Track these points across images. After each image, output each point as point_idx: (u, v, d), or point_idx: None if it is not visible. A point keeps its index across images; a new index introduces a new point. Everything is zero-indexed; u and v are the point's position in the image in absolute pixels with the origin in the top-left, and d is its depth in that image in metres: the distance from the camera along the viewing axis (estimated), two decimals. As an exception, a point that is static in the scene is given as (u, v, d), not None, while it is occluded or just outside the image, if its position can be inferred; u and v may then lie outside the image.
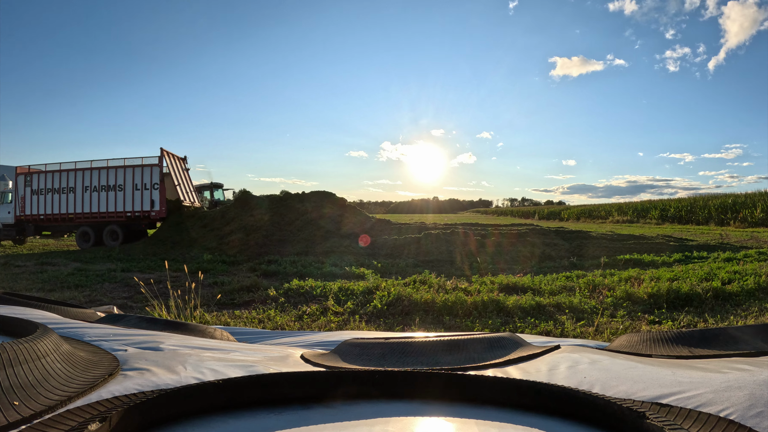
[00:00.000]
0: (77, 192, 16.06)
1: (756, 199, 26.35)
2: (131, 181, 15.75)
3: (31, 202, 16.52)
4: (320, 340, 1.23)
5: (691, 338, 0.90)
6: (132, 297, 6.68)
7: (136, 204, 15.70)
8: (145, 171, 15.68)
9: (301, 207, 15.05)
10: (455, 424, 0.57)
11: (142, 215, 15.72)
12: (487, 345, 0.89)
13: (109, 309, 1.62)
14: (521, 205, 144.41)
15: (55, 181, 16.31)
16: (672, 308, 5.49)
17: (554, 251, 11.80)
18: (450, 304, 5.46)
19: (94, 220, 15.93)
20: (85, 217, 15.98)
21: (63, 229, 16.83)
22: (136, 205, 15.71)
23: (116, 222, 15.83)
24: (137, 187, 15.71)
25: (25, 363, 0.57)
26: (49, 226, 16.91)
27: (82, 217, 16.01)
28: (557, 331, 4.59)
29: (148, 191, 15.62)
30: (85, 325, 1.06)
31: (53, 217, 16.32)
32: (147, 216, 15.73)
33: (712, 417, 0.51)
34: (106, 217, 15.83)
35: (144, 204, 15.64)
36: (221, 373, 0.70)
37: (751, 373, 0.62)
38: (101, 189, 15.92)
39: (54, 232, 17.43)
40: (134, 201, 15.71)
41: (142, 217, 15.77)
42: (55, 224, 16.64)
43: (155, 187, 15.58)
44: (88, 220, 15.99)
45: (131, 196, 15.72)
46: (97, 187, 15.96)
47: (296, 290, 6.72)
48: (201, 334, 1.17)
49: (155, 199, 15.54)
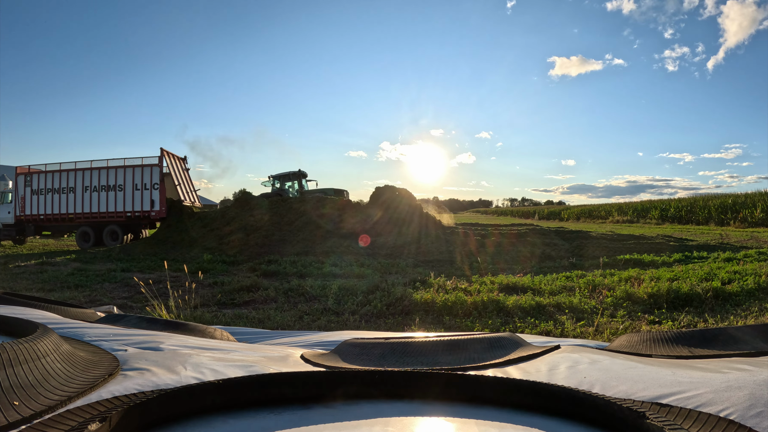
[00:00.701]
0: (77, 192, 16.10)
1: (756, 199, 26.34)
2: (131, 181, 15.77)
3: (31, 202, 16.54)
4: (320, 340, 1.23)
5: (691, 338, 0.90)
6: (132, 297, 6.68)
7: (136, 204, 15.73)
8: (145, 171, 15.70)
9: (301, 207, 15.06)
10: (455, 424, 0.57)
11: (142, 215, 15.75)
12: (487, 345, 0.89)
13: (109, 309, 1.62)
14: (521, 205, 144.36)
15: (55, 181, 16.34)
16: (672, 308, 5.49)
17: (554, 251, 11.80)
18: (450, 304, 5.46)
19: (94, 220, 15.97)
20: (85, 217, 16.02)
21: (63, 229, 16.85)
22: (136, 205, 15.74)
23: (116, 222, 15.86)
24: (137, 187, 15.74)
25: (25, 363, 0.57)
26: (49, 226, 16.94)
27: (82, 217, 16.04)
28: (557, 331, 4.59)
29: (148, 191, 15.65)
30: (85, 325, 1.06)
31: (53, 217, 16.35)
32: (147, 216, 15.75)
33: (712, 417, 0.51)
34: (106, 217, 15.87)
35: (144, 204, 15.67)
36: (221, 373, 0.70)
37: (751, 373, 0.62)
38: (101, 189, 15.96)
39: (54, 232, 17.45)
40: (134, 201, 15.74)
41: (142, 217, 15.80)
42: (55, 224, 16.67)
43: (155, 187, 15.61)
44: (88, 220, 16.02)
45: (131, 196, 15.75)
46: (97, 187, 15.99)
47: (296, 290, 6.72)
48: (201, 334, 1.17)
49: (155, 199, 15.56)
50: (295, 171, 19.88)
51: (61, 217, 16.26)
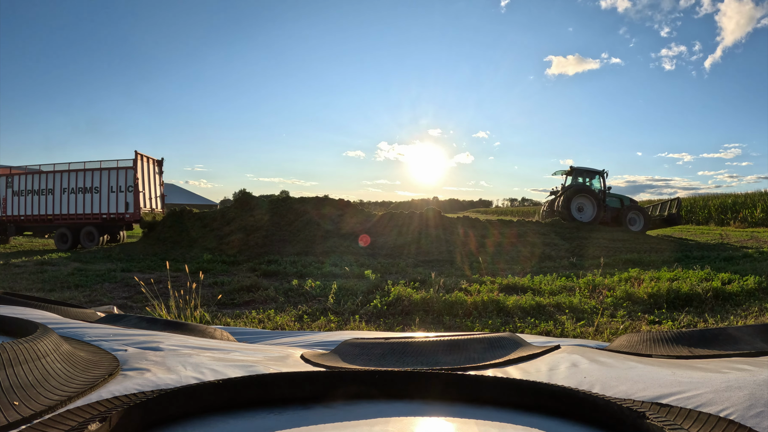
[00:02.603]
0: (56, 193, 16.36)
1: (756, 199, 26.33)
2: (107, 183, 16.00)
3: (12, 203, 16.78)
4: (320, 340, 1.23)
5: (691, 338, 0.90)
6: (132, 297, 6.68)
7: (111, 206, 15.96)
8: (120, 173, 15.90)
9: (301, 207, 15.05)
10: (455, 424, 0.57)
11: (117, 217, 15.97)
12: (487, 345, 0.89)
13: (109, 309, 1.62)
14: (521, 205, 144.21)
15: (35, 182, 16.60)
16: (672, 308, 5.49)
17: (554, 251, 11.80)
18: (450, 304, 5.46)
19: (71, 221, 16.19)
20: (63, 219, 16.25)
21: (43, 229, 17.10)
22: (111, 208, 15.96)
23: (92, 224, 16.08)
24: (112, 189, 15.97)
25: (25, 363, 0.57)
26: (30, 227, 17.19)
27: (60, 218, 16.28)
28: (557, 331, 4.59)
29: (123, 194, 15.86)
30: (85, 325, 1.06)
31: (33, 218, 16.60)
32: (122, 218, 15.97)
33: (712, 417, 0.51)
34: (83, 219, 16.09)
35: (119, 206, 15.90)
36: (221, 373, 0.70)
37: (751, 373, 0.62)
38: (78, 191, 16.21)
39: (35, 233, 17.70)
40: (110, 203, 15.98)
41: (117, 219, 16.01)
42: (35, 225, 16.91)
43: (129, 190, 15.80)
44: (65, 221, 16.24)
45: (107, 199, 15.99)
46: (75, 189, 16.23)
47: (296, 290, 6.72)
48: (201, 334, 1.17)
49: (129, 202, 15.76)
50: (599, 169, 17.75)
51: (40, 218, 16.50)
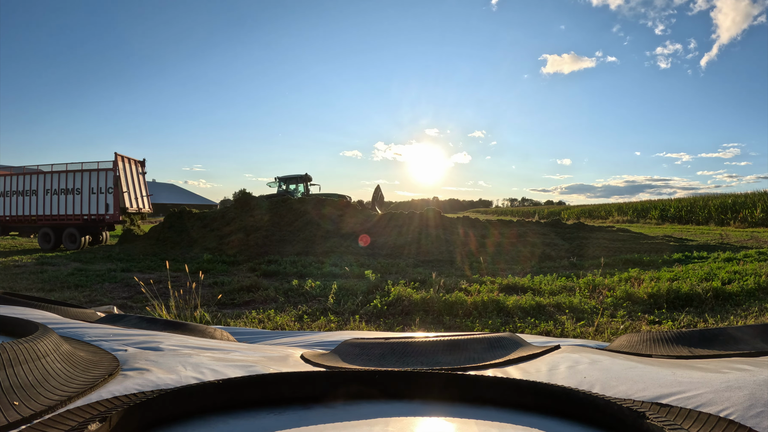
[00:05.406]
0: (39, 194, 16.54)
1: (756, 199, 26.34)
2: (88, 184, 16.12)
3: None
4: (320, 340, 1.23)
5: (691, 338, 0.90)
6: (132, 297, 6.68)
7: (92, 207, 16.07)
8: (101, 175, 16.03)
9: (301, 207, 15.05)
10: (455, 424, 0.57)
11: (98, 219, 16.09)
12: (487, 345, 0.89)
13: (109, 309, 1.62)
14: (521, 205, 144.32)
15: (19, 183, 16.79)
16: (672, 308, 5.49)
17: (554, 251, 11.80)
18: (450, 304, 5.46)
19: (54, 222, 16.32)
20: (46, 219, 16.41)
21: (28, 229, 17.30)
22: (92, 209, 16.07)
23: (74, 225, 16.19)
24: (93, 191, 16.10)
25: (25, 363, 0.57)
26: (16, 227, 17.36)
27: (43, 218, 16.44)
28: (557, 331, 4.59)
29: (103, 195, 15.99)
30: (85, 325, 1.06)
31: (18, 219, 16.80)
32: (102, 219, 16.08)
33: (712, 417, 0.51)
34: (65, 220, 16.23)
35: (99, 208, 16.01)
36: (221, 373, 0.70)
37: (751, 373, 0.62)
38: (60, 192, 16.37)
39: (21, 233, 17.90)
40: (90, 204, 16.10)
41: (98, 220, 16.12)
42: (20, 225, 17.08)
43: (109, 191, 15.93)
44: (48, 222, 16.38)
45: (87, 200, 16.11)
46: (57, 190, 16.40)
47: (296, 290, 6.72)
48: (201, 334, 1.17)
49: (109, 203, 15.88)
50: (301, 174, 20.54)
51: (25, 218, 16.69)
